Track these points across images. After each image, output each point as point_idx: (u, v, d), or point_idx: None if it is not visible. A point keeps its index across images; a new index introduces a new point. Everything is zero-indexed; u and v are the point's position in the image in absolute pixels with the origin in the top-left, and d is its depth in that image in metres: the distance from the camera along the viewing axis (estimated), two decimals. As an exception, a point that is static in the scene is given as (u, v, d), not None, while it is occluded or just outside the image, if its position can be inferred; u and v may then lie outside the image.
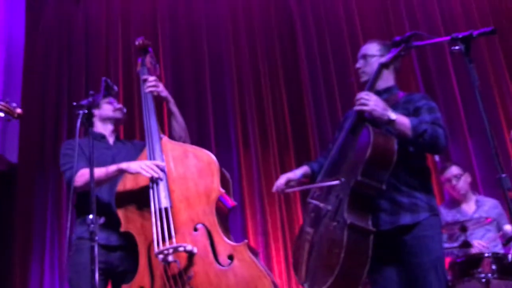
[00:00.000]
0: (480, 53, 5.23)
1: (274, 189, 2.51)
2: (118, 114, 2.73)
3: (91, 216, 1.95)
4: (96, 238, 1.92)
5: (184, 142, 2.67)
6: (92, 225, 1.94)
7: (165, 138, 2.57)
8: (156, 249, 2.25)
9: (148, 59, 2.77)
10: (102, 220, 2.00)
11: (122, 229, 2.39)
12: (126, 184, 2.44)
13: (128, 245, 2.43)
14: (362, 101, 2.22)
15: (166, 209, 2.32)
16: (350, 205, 2.09)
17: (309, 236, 2.18)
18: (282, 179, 2.50)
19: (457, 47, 1.92)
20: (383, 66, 2.36)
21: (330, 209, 2.18)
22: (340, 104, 5.01)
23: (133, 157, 2.57)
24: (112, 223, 2.38)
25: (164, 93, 2.68)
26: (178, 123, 2.68)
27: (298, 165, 4.76)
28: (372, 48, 2.49)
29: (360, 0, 5.46)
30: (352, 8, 5.41)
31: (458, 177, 3.91)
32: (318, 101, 5.09)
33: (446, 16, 5.39)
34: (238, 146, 4.91)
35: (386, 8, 5.42)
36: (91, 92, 2.61)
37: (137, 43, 2.82)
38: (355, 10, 5.40)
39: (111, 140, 2.70)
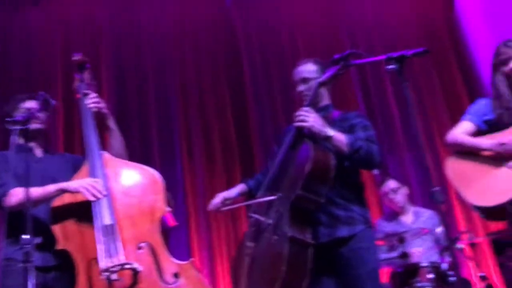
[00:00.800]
0: (416, 72, 5.49)
1: (209, 207, 2.53)
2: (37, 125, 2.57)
3: (26, 236, 1.86)
4: (32, 259, 1.83)
5: None
6: (27, 246, 1.85)
7: (107, 155, 2.51)
8: (102, 267, 2.18)
9: (86, 75, 2.71)
10: (38, 240, 1.92)
11: (59, 247, 2.29)
12: (64, 199, 2.35)
13: (63, 264, 2.34)
14: (302, 117, 2.30)
15: (111, 226, 2.26)
16: (290, 219, 2.13)
17: (250, 251, 2.19)
18: (218, 198, 2.54)
19: (391, 66, 2.00)
20: (321, 84, 2.44)
21: (271, 223, 2.21)
22: (283, 117, 5.08)
23: (64, 170, 2.50)
24: (48, 242, 2.28)
25: (105, 109, 2.62)
26: (117, 141, 2.61)
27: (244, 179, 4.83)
28: (311, 70, 2.55)
29: (302, 16, 5.60)
30: (295, 24, 5.54)
31: (395, 190, 4.07)
32: (262, 113, 5.16)
33: (385, 36, 5.62)
34: (182, 160, 4.87)
35: (328, 25, 5.59)
36: (28, 107, 2.52)
37: (75, 58, 2.74)
38: (297, 26, 5.53)
39: (38, 152, 2.59)
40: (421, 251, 3.73)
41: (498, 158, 2.29)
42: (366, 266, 2.25)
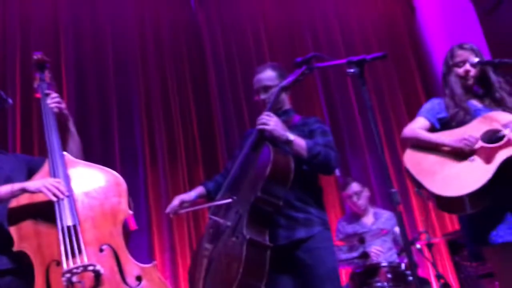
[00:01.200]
0: (378, 75, 5.61)
1: (167, 210, 2.53)
2: None
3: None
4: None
5: None
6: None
7: (68, 156, 2.46)
8: (65, 268, 2.13)
9: (47, 74, 2.65)
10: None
11: (15, 248, 2.22)
12: (20, 200, 2.29)
13: (19, 268, 2.28)
14: (264, 120, 2.35)
15: (74, 226, 2.21)
16: (249, 221, 2.16)
17: (207, 252, 2.20)
18: (176, 201, 2.55)
19: (352, 70, 2.05)
20: (283, 89, 2.48)
21: (229, 225, 2.23)
22: (248, 118, 5.10)
23: (19, 170, 2.44)
24: (4, 244, 2.22)
25: (66, 110, 2.57)
26: (76, 144, 2.56)
27: (207, 178, 4.82)
28: (271, 78, 2.59)
29: (265, 15, 5.65)
30: (259, 25, 5.58)
31: (358, 194, 4.14)
32: (227, 115, 5.16)
33: (347, 40, 5.72)
34: (145, 160, 4.81)
35: (292, 27, 5.66)
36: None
37: (35, 57, 2.67)
38: (261, 28, 5.57)
39: None
40: (379, 247, 3.81)
41: (458, 153, 2.34)
42: (325, 266, 2.30)
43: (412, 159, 2.42)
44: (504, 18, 4.66)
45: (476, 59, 2.52)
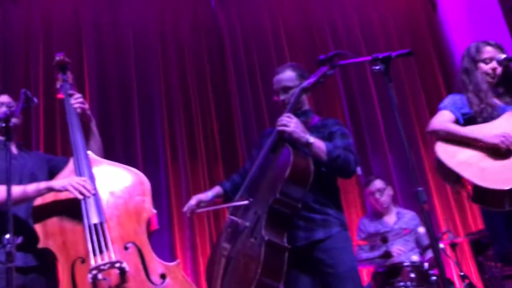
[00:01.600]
0: (399, 73, 5.55)
1: (184, 209, 2.54)
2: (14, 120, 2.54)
3: (7, 236, 1.83)
4: (14, 259, 1.80)
5: None
6: (9, 245, 1.82)
7: (93, 155, 2.49)
8: (92, 264, 2.16)
9: (69, 75, 2.68)
10: (20, 239, 1.89)
11: (40, 245, 2.25)
12: (46, 198, 2.32)
13: (43, 265, 2.31)
14: (284, 122, 2.33)
15: (100, 224, 2.24)
16: (268, 222, 2.16)
17: (225, 252, 2.20)
18: (193, 201, 2.56)
19: (377, 67, 2.03)
20: (303, 90, 2.46)
21: (248, 225, 2.23)
22: (267, 118, 5.10)
23: (42, 168, 2.50)
24: (28, 242, 2.25)
25: (89, 111, 2.60)
26: (97, 143, 2.59)
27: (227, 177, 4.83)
28: (290, 78, 2.58)
29: (285, 17, 5.62)
30: (279, 25, 5.56)
31: (381, 191, 4.10)
32: (246, 114, 5.15)
33: (367, 38, 5.67)
34: (166, 159, 4.84)
35: (312, 26, 5.63)
36: (10, 104, 2.49)
37: (57, 58, 2.71)
38: (281, 27, 5.55)
39: (13, 149, 2.54)
40: (401, 247, 3.77)
41: (493, 149, 2.30)
42: (344, 265, 2.30)
43: (446, 152, 2.36)
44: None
45: (503, 55, 2.48)
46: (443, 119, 2.45)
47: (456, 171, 2.27)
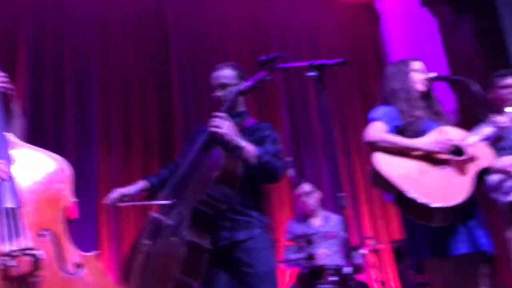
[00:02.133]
0: (339, 80, 5.69)
1: (105, 201, 2.48)
2: None
3: None
4: None
5: None
6: None
7: (13, 136, 2.37)
8: (3, 250, 2.05)
9: None
10: None
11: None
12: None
13: None
14: (217, 123, 2.33)
15: (14, 209, 2.13)
16: (191, 223, 2.15)
17: (145, 248, 2.17)
18: (114, 194, 2.50)
19: (312, 73, 2.06)
20: (240, 93, 2.47)
21: (171, 224, 2.21)
22: (208, 113, 5.02)
23: None
24: None
25: (12, 91, 2.46)
26: (19, 126, 2.47)
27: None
28: (229, 77, 2.59)
29: (233, 13, 5.62)
30: (226, 20, 5.55)
31: (309, 194, 4.19)
32: (187, 110, 5.10)
33: (313, 42, 5.77)
34: (99, 147, 4.71)
35: (259, 26, 5.66)
36: None
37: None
38: (229, 23, 5.54)
39: None
40: (326, 250, 3.86)
41: (430, 159, 2.34)
42: (263, 265, 2.33)
43: (386, 164, 2.34)
44: (463, 36, 4.82)
45: (434, 74, 2.58)
46: (379, 130, 2.44)
47: (397, 185, 2.26)
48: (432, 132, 2.45)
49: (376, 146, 2.40)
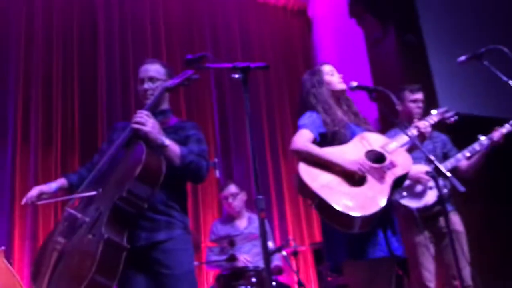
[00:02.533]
0: (270, 84, 5.77)
1: (23, 201, 2.37)
2: None
3: None
4: None
5: None
6: None
7: None
8: None
9: None
10: None
11: None
12: None
13: None
14: (141, 120, 2.28)
15: None
16: (109, 220, 2.09)
17: (59, 246, 2.08)
18: (33, 191, 2.39)
19: (236, 76, 2.07)
20: (167, 90, 2.44)
21: (87, 220, 2.14)
22: (134, 111, 4.95)
23: None
24: None
25: None
26: None
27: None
28: (160, 72, 2.55)
29: (167, 10, 5.54)
30: (159, 16, 5.46)
31: (234, 195, 4.20)
32: (113, 107, 4.96)
33: (245, 42, 5.81)
34: (15, 140, 4.47)
35: (192, 22, 5.62)
36: None
37: None
38: (161, 19, 5.45)
39: None
40: (248, 257, 3.90)
41: (349, 174, 2.39)
42: (182, 267, 2.29)
43: (308, 174, 2.40)
44: (387, 50, 5.04)
45: (355, 83, 2.66)
46: (305, 139, 2.50)
47: (318, 194, 2.31)
48: (354, 139, 2.52)
49: (300, 156, 2.46)
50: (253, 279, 3.57)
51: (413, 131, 2.57)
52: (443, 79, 4.86)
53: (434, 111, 2.80)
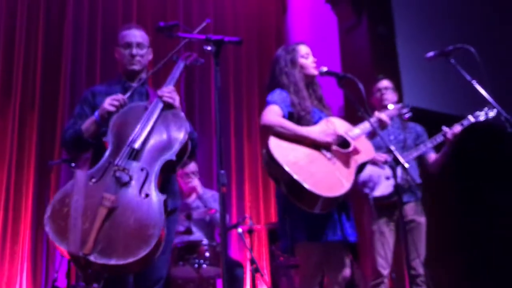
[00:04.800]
0: (240, 61, 5.72)
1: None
2: None
3: None
4: None
5: None
6: None
7: None
8: None
9: None
10: None
11: None
12: None
13: None
14: (173, 95, 2.37)
15: None
16: (157, 182, 2.12)
17: (107, 202, 1.99)
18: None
19: (209, 48, 2.05)
20: (186, 68, 2.60)
21: (134, 178, 2.09)
22: (100, 75, 4.85)
23: None
24: None
25: None
26: None
27: (41, 127, 4.47)
28: (145, 39, 2.55)
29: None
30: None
31: (195, 174, 4.15)
32: (77, 66, 4.84)
33: (218, 19, 5.73)
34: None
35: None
36: None
37: None
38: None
39: None
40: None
41: (318, 147, 2.44)
42: None
43: (279, 149, 2.40)
44: (359, 39, 5.07)
45: (325, 68, 2.67)
46: (276, 114, 2.50)
47: (287, 170, 2.32)
48: (321, 122, 2.55)
49: (273, 130, 2.46)
50: (207, 254, 3.59)
51: (373, 119, 2.63)
52: (410, 72, 4.95)
53: (391, 106, 2.92)
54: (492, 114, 3.20)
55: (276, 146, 2.41)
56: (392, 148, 2.44)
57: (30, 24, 4.70)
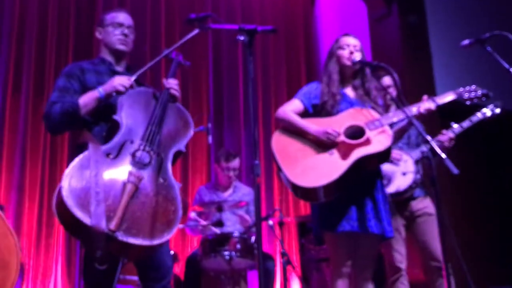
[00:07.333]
0: (267, 51, 5.68)
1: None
2: None
3: None
4: None
5: None
6: None
7: None
8: None
9: None
10: None
11: None
12: None
13: None
14: (177, 88, 2.39)
15: None
16: (171, 168, 2.17)
17: (134, 178, 1.96)
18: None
19: (242, 37, 2.04)
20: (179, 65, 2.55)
21: (152, 161, 2.09)
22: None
23: None
24: None
25: None
26: None
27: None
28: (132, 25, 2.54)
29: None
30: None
31: (236, 170, 4.16)
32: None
33: (246, 11, 5.70)
34: (6, 88, 4.40)
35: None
36: None
37: None
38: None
39: None
40: (234, 222, 3.91)
41: (320, 143, 2.45)
42: None
43: (279, 143, 2.49)
44: (390, 29, 4.99)
45: (359, 57, 2.62)
46: (289, 108, 2.57)
47: (280, 164, 2.41)
48: (344, 112, 2.53)
49: (281, 123, 2.57)
50: (238, 246, 3.58)
51: (413, 110, 2.54)
52: (442, 62, 4.84)
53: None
54: (498, 110, 3.11)
55: (277, 140, 2.51)
56: (429, 138, 2.37)
57: (60, 26, 4.77)
